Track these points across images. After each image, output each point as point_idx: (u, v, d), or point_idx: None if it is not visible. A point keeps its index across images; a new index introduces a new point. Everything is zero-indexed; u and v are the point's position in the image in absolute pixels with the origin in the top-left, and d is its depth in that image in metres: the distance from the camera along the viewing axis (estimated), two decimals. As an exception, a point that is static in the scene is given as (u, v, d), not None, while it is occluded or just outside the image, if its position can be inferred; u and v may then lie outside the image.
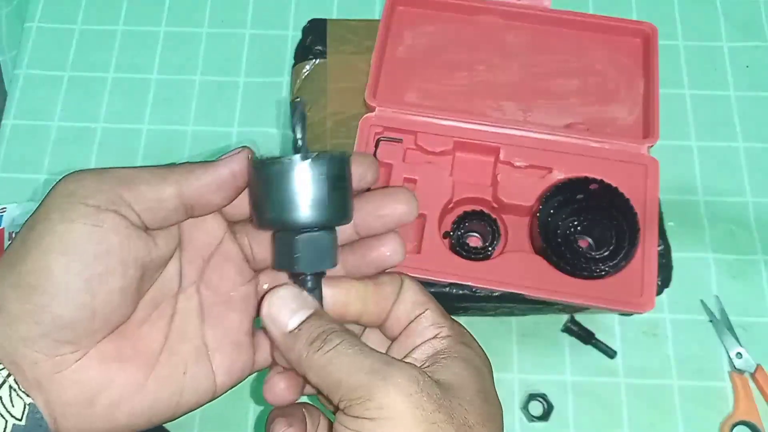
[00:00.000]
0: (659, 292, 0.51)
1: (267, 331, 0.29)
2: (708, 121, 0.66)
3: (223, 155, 0.30)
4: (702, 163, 0.64)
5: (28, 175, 0.63)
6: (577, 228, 0.51)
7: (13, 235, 0.57)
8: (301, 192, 0.28)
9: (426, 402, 0.25)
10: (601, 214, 0.51)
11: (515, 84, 0.58)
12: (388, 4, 0.58)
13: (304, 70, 0.60)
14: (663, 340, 0.58)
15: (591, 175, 0.52)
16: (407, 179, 0.53)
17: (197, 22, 0.70)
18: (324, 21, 0.62)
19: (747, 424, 0.55)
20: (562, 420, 0.55)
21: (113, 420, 0.28)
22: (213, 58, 0.69)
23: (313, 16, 0.63)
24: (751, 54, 0.68)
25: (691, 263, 0.60)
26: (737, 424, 0.55)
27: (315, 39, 0.61)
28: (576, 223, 0.51)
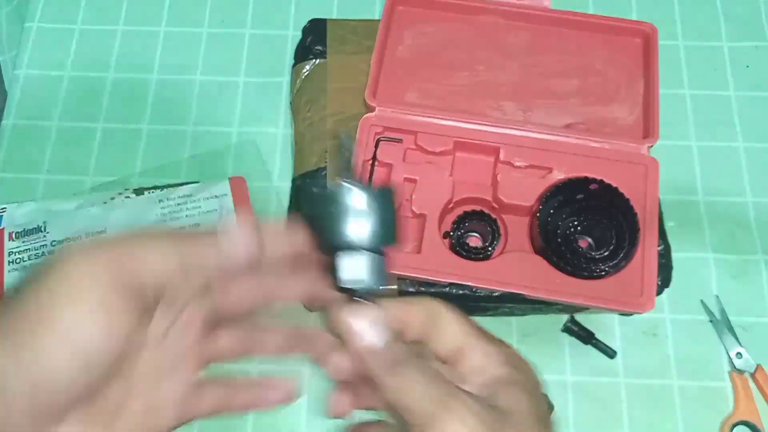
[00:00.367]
0: (659, 292, 0.51)
1: (348, 343, 0.30)
2: (708, 121, 0.66)
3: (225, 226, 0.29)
4: (702, 163, 0.64)
5: (28, 175, 0.63)
6: (577, 228, 0.51)
7: (13, 235, 0.57)
8: (375, 217, 0.31)
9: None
10: (601, 214, 0.51)
11: (515, 84, 0.58)
12: (388, 4, 0.58)
13: (304, 70, 0.60)
14: (663, 340, 0.58)
15: (591, 175, 0.52)
16: (407, 179, 0.53)
17: (197, 22, 0.70)
18: (324, 21, 0.62)
19: (747, 424, 0.55)
20: (562, 420, 0.55)
21: None
22: (213, 58, 0.69)
23: (313, 16, 0.63)
24: (751, 54, 0.69)
25: (691, 263, 0.60)
26: (737, 424, 0.55)
27: (315, 39, 0.61)
28: (576, 223, 0.51)
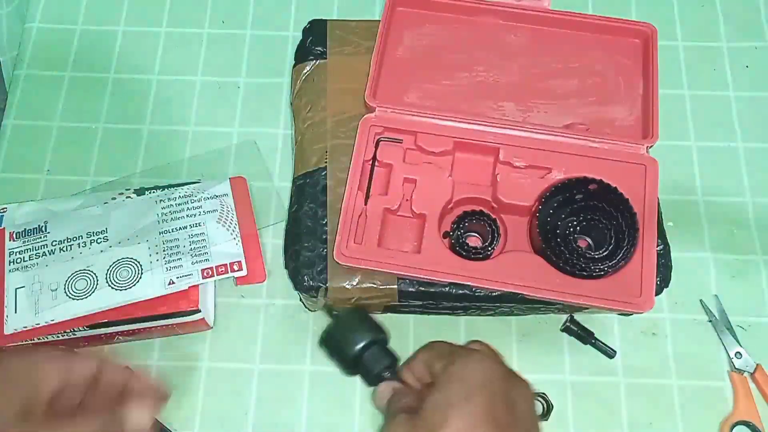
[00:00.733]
0: (659, 291, 0.51)
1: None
2: (707, 122, 0.66)
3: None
4: (701, 163, 0.64)
5: (29, 176, 0.64)
6: (576, 228, 0.51)
7: (14, 235, 0.56)
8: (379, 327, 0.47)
9: None
10: (600, 214, 0.51)
11: (515, 84, 0.58)
12: (388, 5, 0.58)
13: (305, 71, 0.60)
14: (662, 339, 0.58)
15: (590, 175, 0.52)
16: (407, 179, 0.53)
17: (198, 23, 0.70)
18: (324, 22, 0.62)
19: (746, 423, 0.55)
20: (561, 419, 0.56)
21: None
22: (213, 58, 0.69)
23: (314, 17, 0.63)
24: (751, 54, 0.69)
25: (690, 263, 0.60)
26: (737, 423, 0.55)
27: (315, 40, 0.61)
28: (575, 222, 0.51)
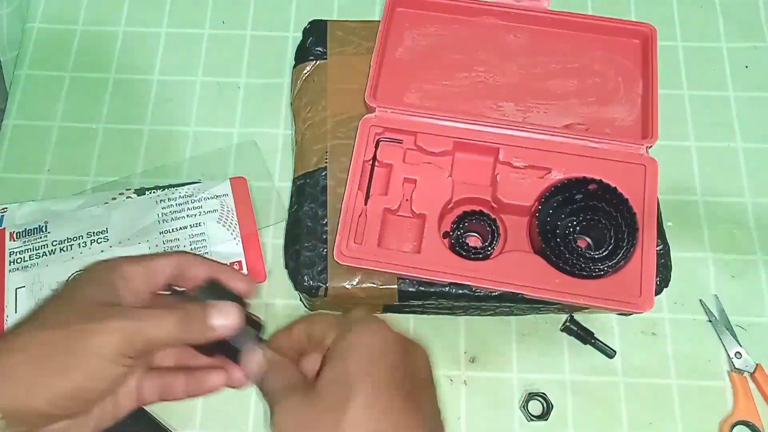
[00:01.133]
0: (658, 291, 0.51)
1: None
2: (707, 122, 0.66)
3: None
4: (701, 163, 0.64)
5: (29, 176, 0.64)
6: (576, 228, 0.51)
7: (14, 235, 0.57)
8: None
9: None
10: (599, 214, 0.51)
11: (514, 85, 0.58)
12: (387, 5, 0.58)
13: (305, 71, 0.60)
14: (662, 339, 0.58)
15: (590, 175, 0.52)
16: (407, 179, 0.53)
17: (198, 23, 0.70)
18: (324, 22, 0.62)
19: (746, 423, 0.55)
20: (561, 419, 0.56)
21: None
22: (214, 59, 0.69)
23: (314, 17, 0.63)
24: (750, 54, 0.69)
25: (690, 263, 0.60)
26: (736, 423, 0.55)
27: (315, 40, 0.61)
28: (575, 222, 0.51)
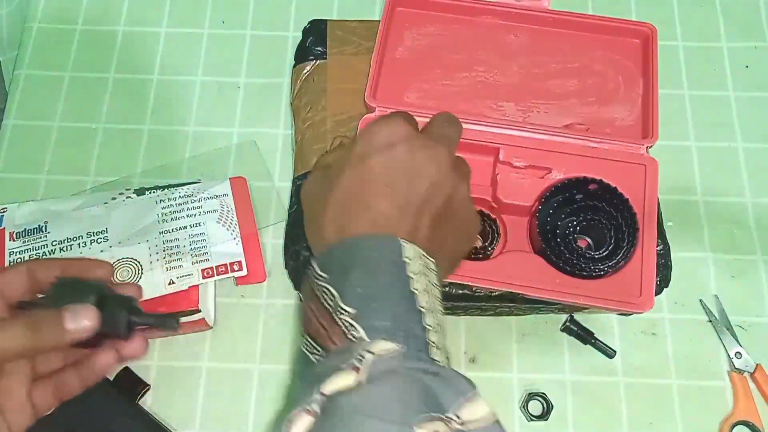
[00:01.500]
0: (658, 291, 0.51)
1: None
2: (707, 122, 0.66)
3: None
4: (701, 163, 0.64)
5: (29, 176, 0.64)
6: (576, 228, 0.51)
7: (14, 235, 0.57)
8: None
9: None
10: (600, 214, 0.51)
11: (515, 84, 0.58)
12: (387, 5, 0.58)
13: (305, 71, 0.60)
14: (662, 339, 0.58)
15: (590, 175, 0.52)
16: (407, 179, 0.53)
17: (198, 23, 0.70)
18: (324, 22, 0.62)
19: (746, 423, 0.55)
20: (561, 419, 0.56)
21: None
22: (213, 58, 0.69)
23: (314, 17, 0.63)
24: (751, 54, 0.69)
25: (690, 263, 0.60)
26: (737, 423, 0.55)
27: (315, 40, 0.61)
28: (575, 222, 0.51)
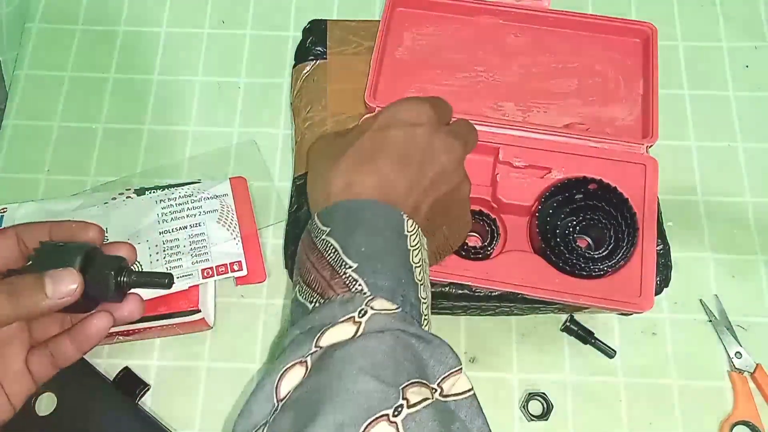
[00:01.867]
0: (658, 291, 0.51)
1: None
2: (707, 122, 0.66)
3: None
4: (701, 163, 0.64)
5: (29, 176, 0.64)
6: (576, 228, 0.51)
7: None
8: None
9: None
10: (599, 214, 0.51)
11: (514, 84, 0.58)
12: (387, 5, 0.58)
13: (305, 71, 0.60)
14: (662, 339, 0.58)
15: (590, 174, 0.52)
16: (407, 179, 0.53)
17: (198, 23, 0.70)
18: (324, 22, 0.62)
19: (746, 423, 0.55)
20: (561, 419, 0.56)
21: None
22: (213, 58, 0.69)
23: (314, 16, 0.63)
24: (751, 54, 0.69)
25: (690, 263, 0.60)
26: (737, 423, 0.55)
27: (315, 40, 0.61)
28: (575, 222, 0.51)
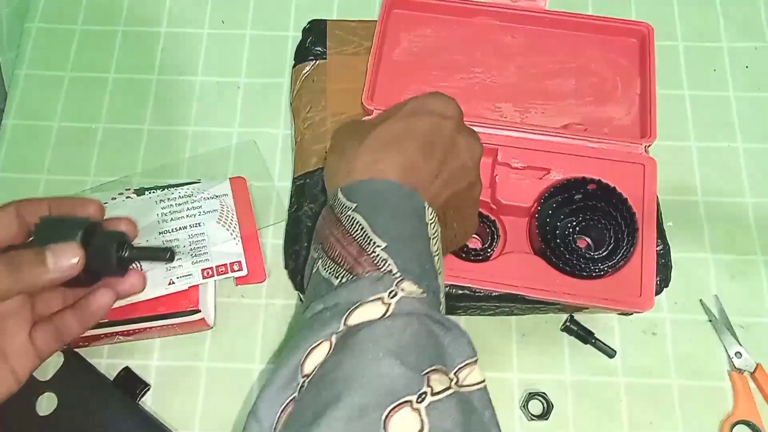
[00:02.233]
0: (659, 291, 0.51)
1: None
2: (707, 122, 0.66)
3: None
4: (701, 163, 0.64)
5: (29, 176, 0.64)
6: (576, 228, 0.51)
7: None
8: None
9: None
10: (599, 214, 0.51)
11: (512, 85, 0.58)
12: (384, 7, 0.58)
13: (304, 71, 0.60)
14: (662, 339, 0.58)
15: (589, 175, 0.52)
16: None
17: (198, 23, 0.70)
18: (324, 22, 0.62)
19: (746, 423, 0.55)
20: (561, 419, 0.56)
21: None
22: (213, 58, 0.69)
23: (313, 16, 0.63)
24: (751, 54, 0.69)
25: (690, 263, 0.60)
26: (737, 423, 0.55)
27: (315, 40, 0.61)
28: (574, 223, 0.51)
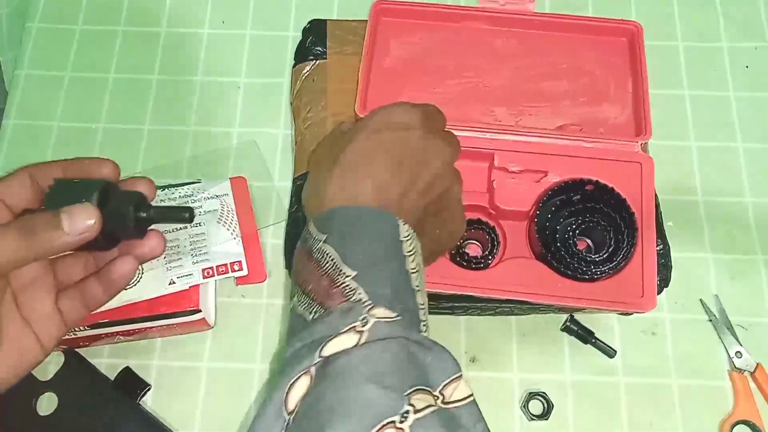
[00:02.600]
0: (659, 291, 0.51)
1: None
2: (707, 122, 0.66)
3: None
4: (701, 163, 0.64)
5: (30, 176, 0.64)
6: (576, 230, 0.51)
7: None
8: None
9: None
10: (598, 216, 0.51)
11: (505, 88, 0.58)
12: (372, 15, 0.58)
13: (305, 71, 0.60)
14: (662, 339, 0.58)
15: (586, 176, 0.52)
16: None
17: (198, 23, 0.70)
18: (324, 22, 0.62)
19: (747, 423, 0.55)
20: (561, 419, 0.56)
21: None
22: (213, 58, 0.69)
23: (314, 16, 0.63)
24: (751, 54, 0.69)
25: (690, 263, 0.60)
26: (737, 423, 0.55)
27: (315, 40, 0.61)
28: (574, 225, 0.51)
